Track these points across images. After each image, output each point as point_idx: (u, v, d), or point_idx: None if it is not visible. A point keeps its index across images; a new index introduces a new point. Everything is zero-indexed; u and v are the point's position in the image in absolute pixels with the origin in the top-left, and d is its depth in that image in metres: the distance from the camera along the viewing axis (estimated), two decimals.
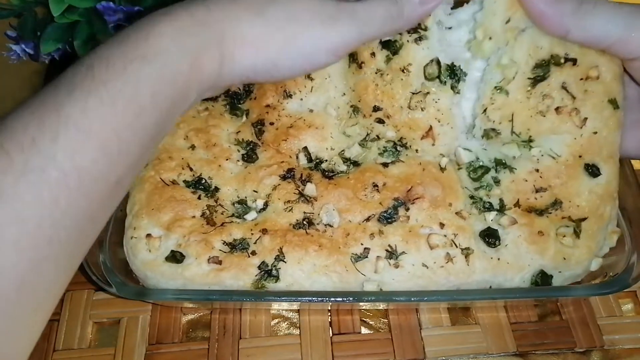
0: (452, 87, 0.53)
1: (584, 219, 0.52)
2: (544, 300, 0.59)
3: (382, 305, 0.58)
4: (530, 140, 0.53)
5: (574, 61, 0.51)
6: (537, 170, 0.53)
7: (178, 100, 0.43)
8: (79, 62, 0.40)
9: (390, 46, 0.52)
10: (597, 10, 0.48)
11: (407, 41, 0.52)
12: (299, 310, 0.59)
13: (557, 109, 0.52)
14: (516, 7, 0.49)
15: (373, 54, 0.53)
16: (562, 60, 0.51)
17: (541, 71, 0.51)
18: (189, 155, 0.57)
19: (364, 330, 0.58)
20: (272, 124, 0.57)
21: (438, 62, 0.52)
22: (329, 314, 0.58)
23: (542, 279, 0.52)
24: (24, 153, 0.35)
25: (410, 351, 0.56)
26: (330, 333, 0.57)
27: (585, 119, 0.52)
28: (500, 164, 0.54)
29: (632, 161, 0.68)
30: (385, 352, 0.56)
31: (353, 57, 0.55)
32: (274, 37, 0.45)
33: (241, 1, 0.45)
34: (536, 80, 0.51)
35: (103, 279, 0.50)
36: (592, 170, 0.52)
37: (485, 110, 0.53)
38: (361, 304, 0.57)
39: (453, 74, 0.53)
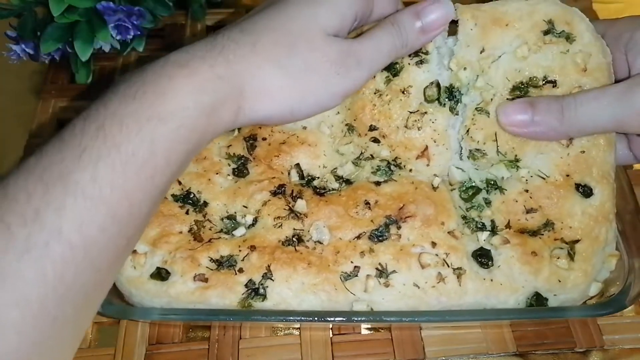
0: (451, 109, 0.54)
1: (578, 241, 0.51)
2: (543, 321, 0.57)
3: (370, 325, 0.57)
4: (516, 160, 0.53)
5: (554, 83, 0.51)
6: (527, 191, 0.52)
7: (192, 151, 0.42)
8: (87, 118, 0.37)
9: (391, 68, 0.54)
10: (580, 109, 0.48)
11: (409, 64, 0.54)
12: None
13: None
14: (488, 37, 0.52)
15: (373, 75, 0.54)
16: (541, 83, 0.52)
17: (520, 92, 0.52)
18: None
19: (364, 331, 0.57)
20: (264, 139, 0.56)
21: (438, 85, 0.54)
22: None
23: (537, 301, 0.51)
24: (26, 227, 0.32)
25: (410, 351, 0.56)
26: (330, 333, 0.57)
27: (571, 139, 0.51)
28: (490, 184, 0.54)
29: None
30: (385, 352, 0.56)
31: None
32: (293, 88, 0.45)
33: (261, 50, 0.44)
34: None
35: None
36: (584, 191, 0.51)
37: (468, 131, 0.53)
38: (351, 324, 0.56)
39: (452, 95, 0.54)
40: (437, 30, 0.51)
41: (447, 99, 0.54)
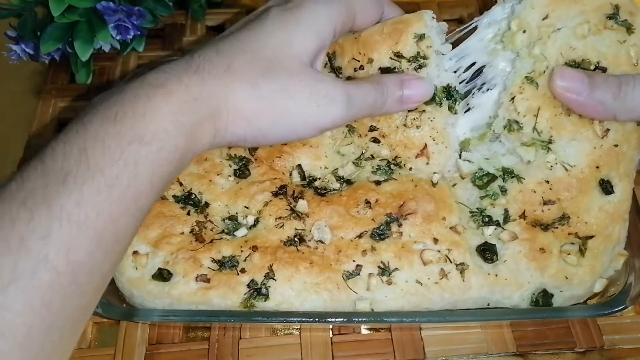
0: (450, 108, 0.54)
1: (591, 237, 0.51)
2: (543, 321, 0.57)
3: (371, 325, 0.57)
4: (549, 142, 0.52)
5: (604, 70, 0.51)
6: (547, 182, 0.52)
7: (174, 172, 0.42)
8: (68, 141, 0.36)
9: (390, 73, 0.54)
10: (638, 89, 0.47)
11: (407, 69, 0.53)
12: None
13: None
14: (556, 4, 0.51)
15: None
16: (592, 67, 0.51)
17: None
18: None
19: (364, 331, 0.57)
20: None
21: (435, 87, 0.54)
22: None
23: (543, 297, 0.51)
24: (12, 255, 0.31)
25: (410, 351, 0.56)
26: (330, 333, 0.57)
27: (608, 130, 0.51)
28: (507, 172, 0.53)
29: None
30: (385, 352, 0.56)
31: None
32: (268, 111, 0.45)
33: (236, 71, 0.44)
34: None
35: None
36: (606, 187, 0.51)
37: (513, 99, 0.52)
38: (351, 325, 0.56)
39: (449, 95, 0.54)
40: (413, 104, 0.52)
41: (445, 99, 0.54)
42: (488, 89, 0.55)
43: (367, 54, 0.54)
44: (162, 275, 0.50)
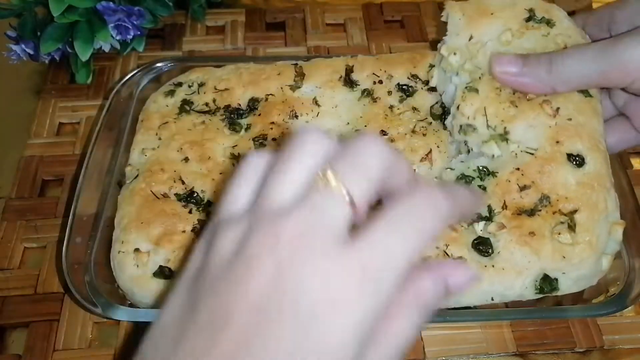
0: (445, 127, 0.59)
1: (576, 211, 0.51)
2: (543, 321, 0.57)
3: None
4: (506, 133, 0.54)
5: None
6: (518, 169, 0.53)
7: None
8: None
9: (406, 91, 0.62)
10: (567, 61, 0.52)
11: (422, 89, 0.62)
12: None
13: (528, 99, 0.55)
14: (476, 25, 0.58)
15: (390, 93, 0.62)
16: None
17: None
18: (181, 167, 0.57)
19: None
20: (274, 139, 0.58)
21: (442, 105, 0.60)
22: None
23: (546, 283, 0.50)
24: None
25: (410, 351, 0.56)
26: None
27: (558, 108, 0.54)
28: (482, 171, 0.54)
29: (632, 161, 0.69)
30: None
31: (367, 92, 0.62)
32: None
33: None
34: None
35: (88, 299, 0.49)
36: (577, 161, 0.52)
37: (458, 107, 0.56)
38: None
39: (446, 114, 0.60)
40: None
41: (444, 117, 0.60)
42: (448, 114, 0.60)
43: (388, 71, 0.63)
44: (164, 272, 0.50)
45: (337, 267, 0.27)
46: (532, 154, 0.53)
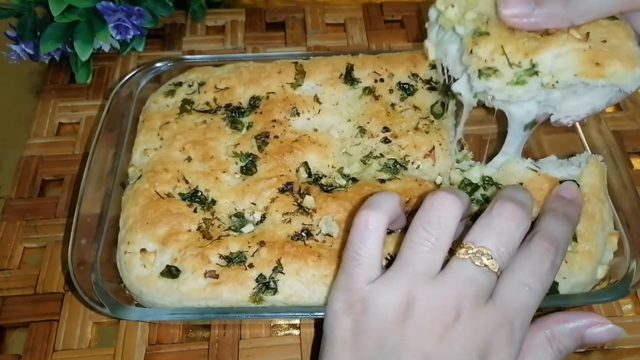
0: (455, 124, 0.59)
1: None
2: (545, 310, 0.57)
3: None
4: (533, 66, 0.47)
5: None
6: (521, 184, 0.53)
7: None
8: None
9: (407, 89, 0.63)
10: None
11: (422, 87, 0.62)
12: None
13: (549, 34, 0.48)
14: None
15: (391, 91, 0.62)
16: None
17: None
18: (185, 167, 0.57)
19: None
20: (276, 137, 0.59)
21: (442, 104, 0.61)
22: None
23: None
24: None
25: None
26: None
27: (587, 33, 0.47)
28: (486, 181, 0.55)
29: (632, 161, 0.69)
30: None
31: (369, 90, 0.62)
32: None
33: None
34: None
35: (95, 300, 0.49)
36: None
37: (471, 52, 0.49)
38: None
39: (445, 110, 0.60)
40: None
41: (450, 115, 0.60)
42: (455, 79, 0.54)
43: (389, 70, 0.63)
44: (171, 272, 0.50)
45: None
46: (536, 171, 0.54)
